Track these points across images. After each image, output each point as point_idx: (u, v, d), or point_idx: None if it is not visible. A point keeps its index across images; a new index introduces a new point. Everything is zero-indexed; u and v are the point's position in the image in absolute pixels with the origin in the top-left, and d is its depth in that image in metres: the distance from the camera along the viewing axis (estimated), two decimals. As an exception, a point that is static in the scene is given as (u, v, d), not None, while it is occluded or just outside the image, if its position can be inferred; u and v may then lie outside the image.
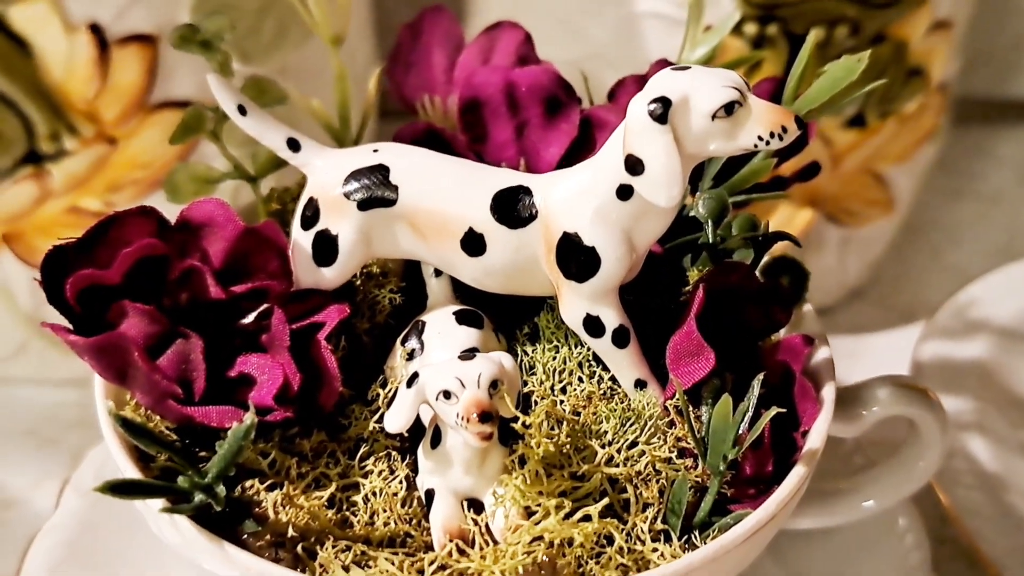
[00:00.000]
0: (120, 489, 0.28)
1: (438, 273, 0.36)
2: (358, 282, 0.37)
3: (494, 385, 0.30)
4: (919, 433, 0.37)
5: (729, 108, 0.29)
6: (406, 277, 0.38)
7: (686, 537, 0.32)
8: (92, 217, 0.49)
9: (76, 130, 0.47)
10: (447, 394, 0.30)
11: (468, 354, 0.32)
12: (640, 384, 0.34)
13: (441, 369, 0.31)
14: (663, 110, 0.29)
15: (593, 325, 0.33)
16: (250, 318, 0.33)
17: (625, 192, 0.31)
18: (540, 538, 0.31)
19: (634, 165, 0.30)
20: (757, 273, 0.36)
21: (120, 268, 0.31)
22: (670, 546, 0.32)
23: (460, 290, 0.37)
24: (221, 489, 0.30)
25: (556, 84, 0.39)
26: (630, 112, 0.30)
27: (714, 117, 0.29)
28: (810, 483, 0.34)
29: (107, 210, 0.49)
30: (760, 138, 0.29)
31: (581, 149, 0.39)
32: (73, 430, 0.53)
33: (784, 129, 0.30)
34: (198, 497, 0.29)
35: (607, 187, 0.31)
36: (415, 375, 0.31)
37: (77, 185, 0.49)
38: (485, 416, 0.30)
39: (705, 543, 0.31)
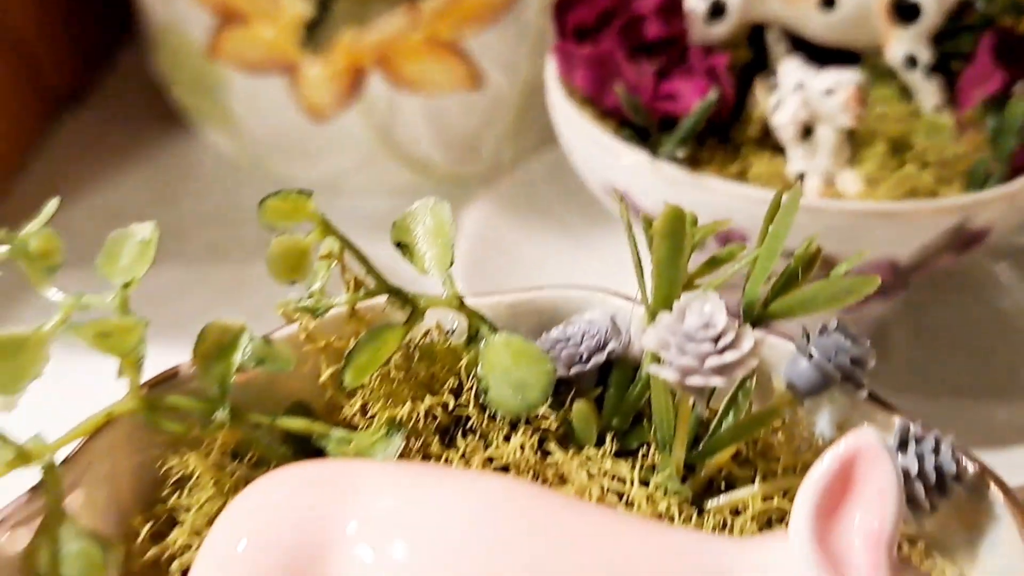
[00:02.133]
0: (626, 136, 0.43)
1: (778, 39, 0.51)
2: (716, 47, 0.52)
3: (859, 87, 0.45)
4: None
5: None
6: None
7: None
8: (442, 47, 0.65)
9: (442, -26, 0.62)
10: (829, 91, 0.45)
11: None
12: (938, 107, 0.49)
13: (824, 76, 0.45)
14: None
15: (911, 61, 0.48)
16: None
17: None
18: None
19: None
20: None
21: (593, 14, 0.46)
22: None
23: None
24: (681, 151, 0.45)
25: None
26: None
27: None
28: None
29: (456, 41, 0.64)
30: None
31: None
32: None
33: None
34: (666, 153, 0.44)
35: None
36: (800, 84, 0.46)
37: (436, 19, 0.63)
38: (861, 100, 0.44)
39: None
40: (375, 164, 0.69)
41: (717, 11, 0.49)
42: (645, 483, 0.28)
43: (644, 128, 0.46)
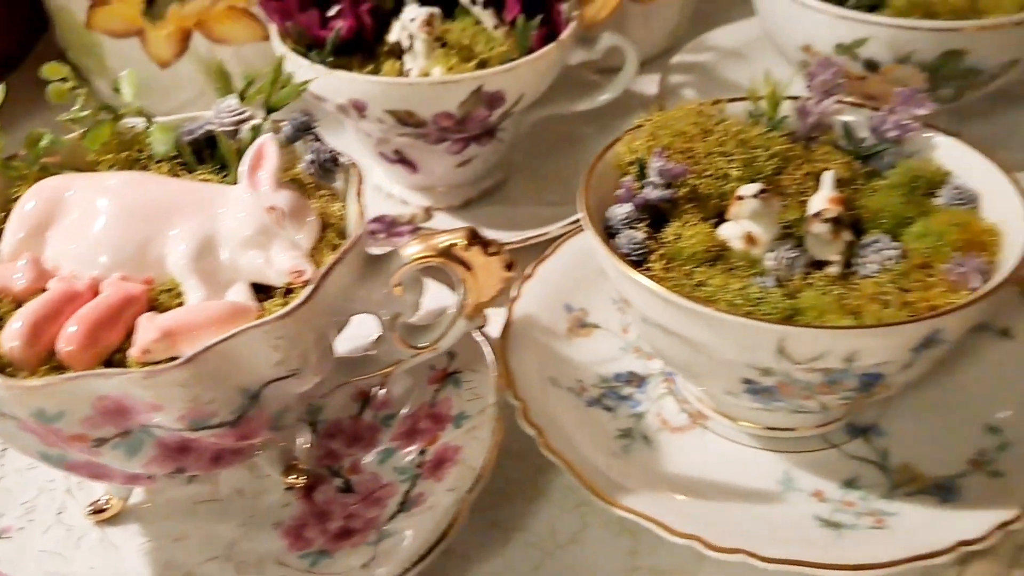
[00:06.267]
0: (299, 52, 0.79)
1: (410, -7, 0.87)
2: None
3: (430, 15, 0.81)
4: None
5: None
6: None
7: None
8: (239, 12, 1.01)
9: (232, -36, 0.98)
10: (413, 19, 0.81)
11: None
12: (495, 26, 0.84)
13: (411, 9, 0.81)
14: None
15: (472, 0, 0.84)
16: None
17: None
18: None
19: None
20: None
21: (280, -19, 0.82)
22: None
23: None
24: (330, 58, 0.80)
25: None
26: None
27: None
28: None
29: (248, 6, 1.00)
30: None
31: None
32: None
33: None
34: (320, 59, 0.80)
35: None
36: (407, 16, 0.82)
37: (232, -6, 1.00)
38: (429, 23, 0.80)
39: None
40: (206, 97, 1.05)
41: (361, -22, 0.85)
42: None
43: (310, 45, 0.82)
